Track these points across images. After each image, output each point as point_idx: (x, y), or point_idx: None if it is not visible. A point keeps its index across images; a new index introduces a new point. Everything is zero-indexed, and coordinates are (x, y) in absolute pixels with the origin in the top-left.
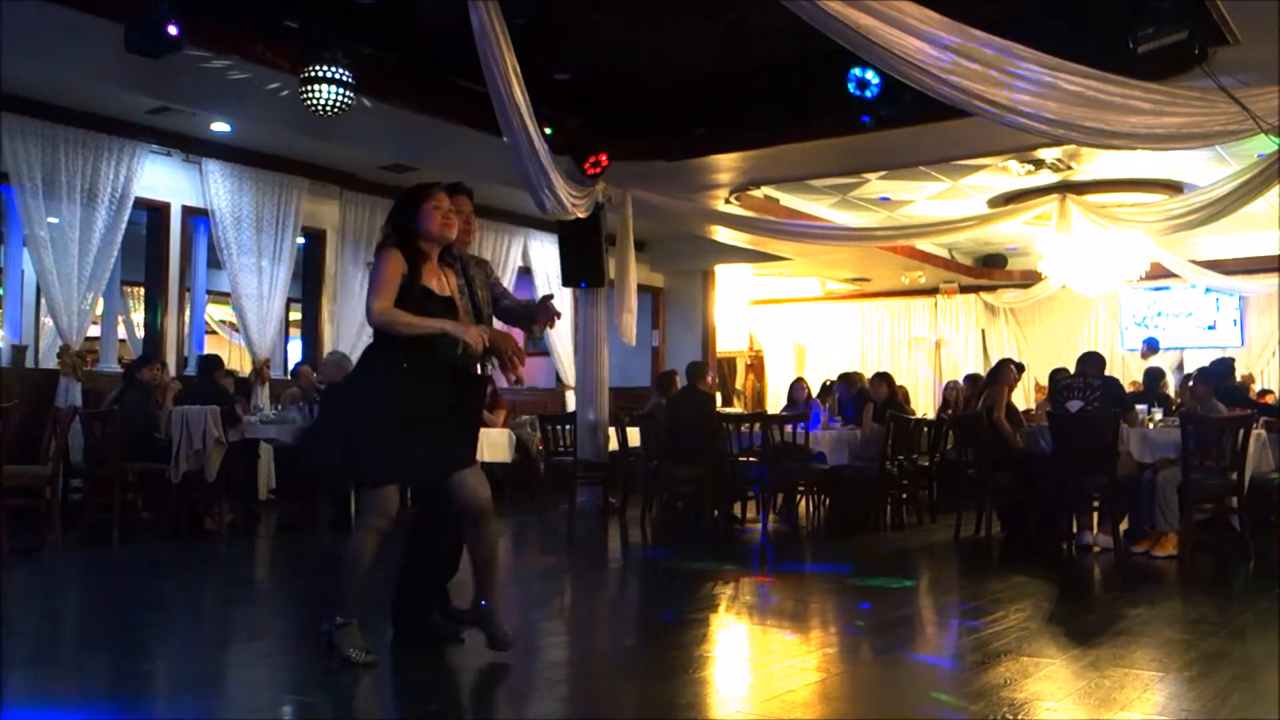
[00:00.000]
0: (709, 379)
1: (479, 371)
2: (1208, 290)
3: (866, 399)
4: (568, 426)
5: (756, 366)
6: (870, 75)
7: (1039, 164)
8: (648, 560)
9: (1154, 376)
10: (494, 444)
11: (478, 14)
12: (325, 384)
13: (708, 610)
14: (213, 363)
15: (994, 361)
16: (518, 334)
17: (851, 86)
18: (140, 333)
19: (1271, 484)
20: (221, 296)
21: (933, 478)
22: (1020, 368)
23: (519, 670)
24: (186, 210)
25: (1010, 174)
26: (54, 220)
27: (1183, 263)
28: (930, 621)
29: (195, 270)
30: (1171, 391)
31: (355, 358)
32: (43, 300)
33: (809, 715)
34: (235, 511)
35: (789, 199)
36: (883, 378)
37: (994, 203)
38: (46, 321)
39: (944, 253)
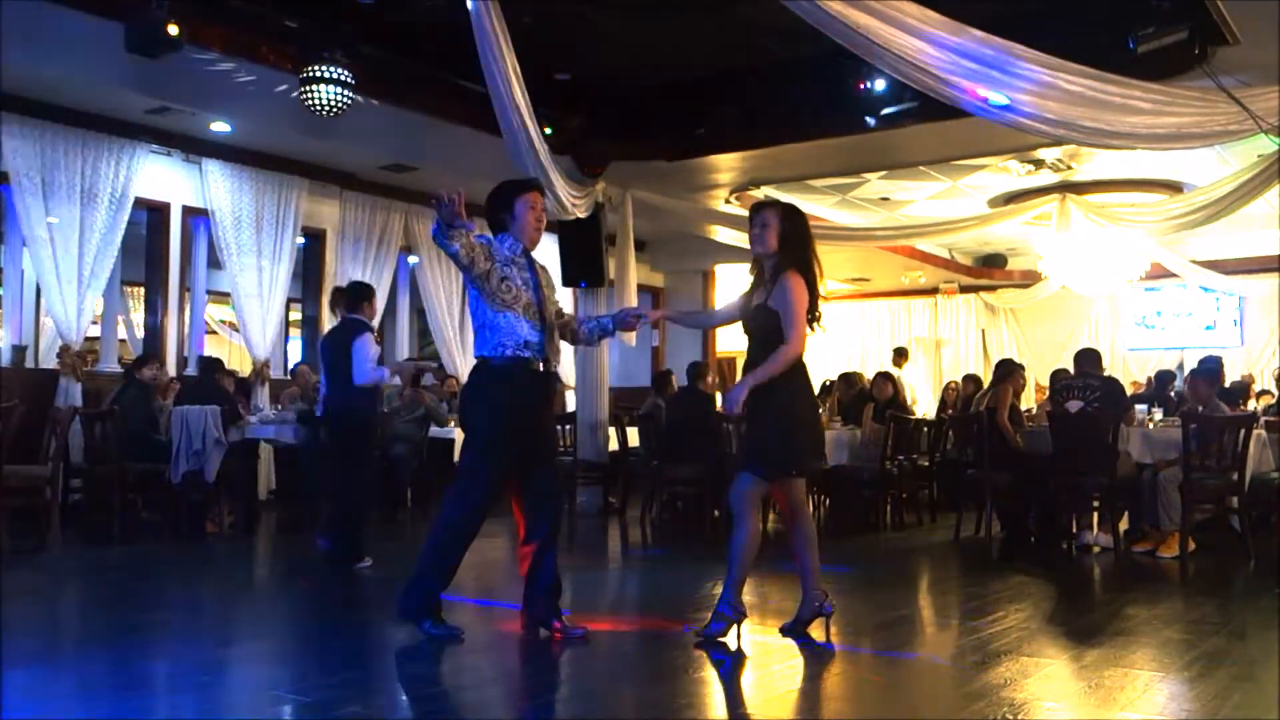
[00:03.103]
0: (709, 379)
1: (545, 369)
2: (1207, 290)
3: (865, 399)
4: (568, 426)
5: None
6: (877, 82)
7: (1039, 164)
8: (647, 560)
9: (1164, 379)
10: None
11: (478, 14)
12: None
13: (707, 610)
14: (213, 364)
15: (994, 362)
16: None
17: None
18: (140, 333)
19: (1271, 484)
20: (221, 296)
21: (933, 478)
22: (1020, 367)
23: (519, 670)
24: (186, 210)
25: (1010, 174)
26: (54, 220)
27: (1183, 263)
28: (930, 621)
29: (195, 270)
30: (1174, 394)
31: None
32: (43, 300)
33: (809, 715)
34: (235, 512)
35: (789, 199)
36: (886, 377)
37: (994, 203)
38: (46, 321)
39: (944, 253)
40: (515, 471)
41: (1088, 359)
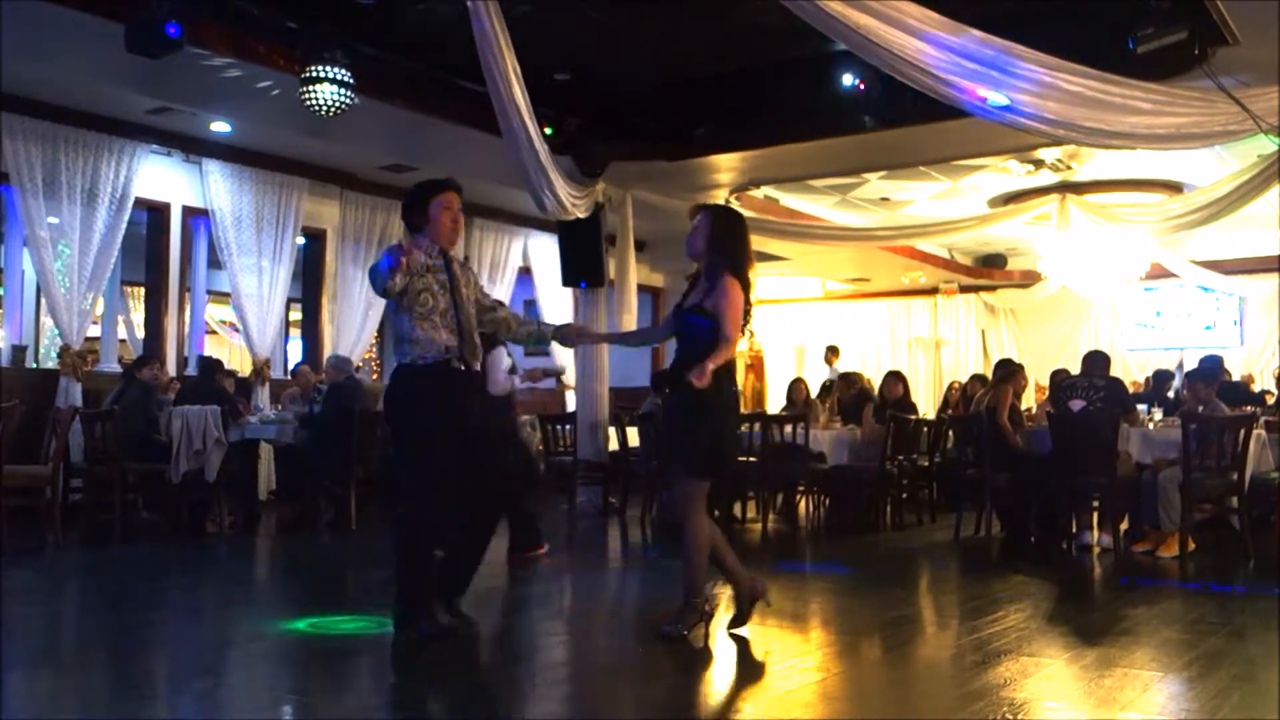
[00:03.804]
0: None
1: (465, 369)
2: (1207, 290)
3: (866, 399)
4: (568, 426)
5: (756, 367)
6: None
7: (1039, 164)
8: (647, 560)
9: (1162, 378)
10: None
11: (477, 13)
12: (328, 385)
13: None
14: (213, 364)
15: (994, 362)
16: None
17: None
18: (140, 333)
19: (1271, 484)
20: (221, 296)
21: (933, 478)
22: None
23: (519, 670)
24: (186, 210)
25: (1010, 174)
26: (54, 220)
27: (1183, 263)
28: (930, 621)
29: (195, 270)
30: (1171, 394)
31: (354, 358)
32: (43, 300)
33: (809, 715)
34: (235, 512)
35: (789, 199)
36: (898, 377)
37: (994, 203)
38: (46, 321)
39: (944, 253)
40: (455, 462)
41: (1095, 361)
